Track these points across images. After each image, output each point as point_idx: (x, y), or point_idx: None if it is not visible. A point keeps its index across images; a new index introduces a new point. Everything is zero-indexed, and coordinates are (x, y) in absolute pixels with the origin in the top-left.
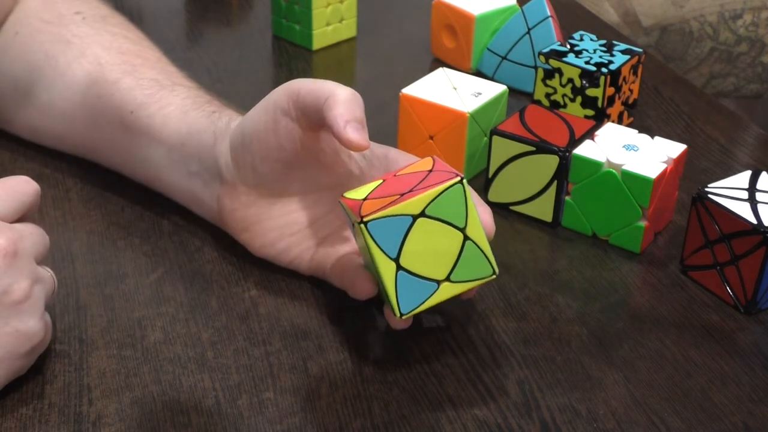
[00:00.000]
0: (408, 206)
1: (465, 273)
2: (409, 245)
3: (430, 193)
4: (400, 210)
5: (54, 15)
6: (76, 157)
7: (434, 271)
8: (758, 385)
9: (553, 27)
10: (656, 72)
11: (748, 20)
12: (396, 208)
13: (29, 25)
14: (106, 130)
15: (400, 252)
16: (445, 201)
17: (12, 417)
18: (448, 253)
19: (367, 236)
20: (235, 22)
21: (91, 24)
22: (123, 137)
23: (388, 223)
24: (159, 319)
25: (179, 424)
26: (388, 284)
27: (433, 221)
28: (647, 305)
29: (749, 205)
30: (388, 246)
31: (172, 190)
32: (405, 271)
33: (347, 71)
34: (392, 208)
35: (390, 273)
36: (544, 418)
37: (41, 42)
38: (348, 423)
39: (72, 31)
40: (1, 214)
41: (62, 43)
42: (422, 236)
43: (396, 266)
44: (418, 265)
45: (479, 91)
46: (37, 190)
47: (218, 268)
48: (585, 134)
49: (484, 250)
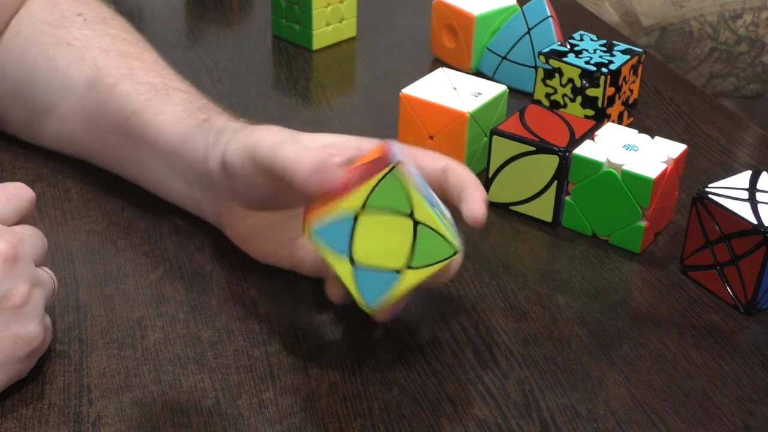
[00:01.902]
0: (347, 203)
1: (425, 257)
2: (358, 241)
3: (367, 185)
4: (340, 208)
5: (56, 17)
6: (76, 157)
7: (391, 260)
8: (758, 385)
9: (553, 27)
10: (656, 72)
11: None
12: (335, 207)
13: (31, 27)
14: (104, 134)
15: (351, 249)
16: (384, 190)
17: (12, 417)
18: (401, 240)
19: (316, 243)
20: (235, 22)
21: (91, 26)
22: (121, 142)
23: (332, 225)
24: (159, 319)
25: (179, 424)
26: (347, 283)
27: (377, 212)
28: (647, 305)
29: (749, 205)
30: (338, 246)
31: (171, 197)
32: (360, 267)
33: (347, 71)
34: (331, 209)
35: (346, 272)
36: (544, 418)
37: (42, 44)
38: (348, 423)
39: (72, 33)
40: (2, 217)
41: (62, 45)
42: (370, 229)
43: (350, 263)
44: (373, 257)
45: (479, 91)
46: (33, 196)
47: (218, 268)
48: (585, 134)
49: (439, 231)
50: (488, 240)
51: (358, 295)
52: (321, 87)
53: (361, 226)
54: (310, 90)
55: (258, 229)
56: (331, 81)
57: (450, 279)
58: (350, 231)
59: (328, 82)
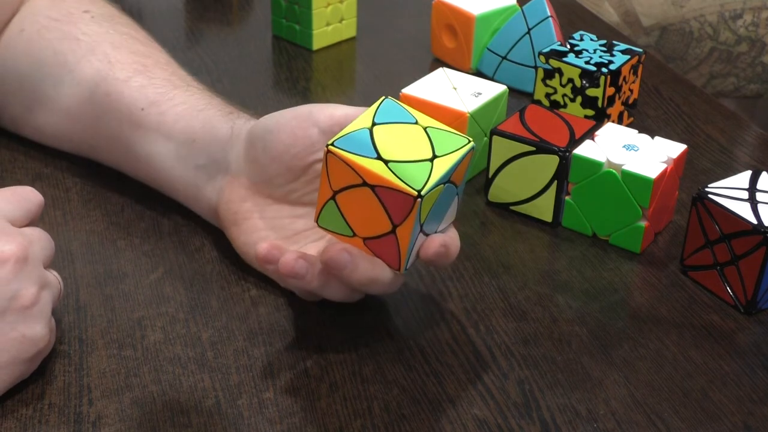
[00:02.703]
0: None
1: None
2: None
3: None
4: (352, 128)
5: (62, 13)
6: (76, 157)
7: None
8: (758, 385)
9: (553, 27)
10: (656, 72)
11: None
12: (348, 127)
13: (36, 23)
14: (111, 126)
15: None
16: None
17: (12, 417)
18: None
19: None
20: (235, 22)
21: (99, 23)
22: (129, 134)
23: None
24: (159, 319)
25: (179, 424)
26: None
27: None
28: (647, 305)
29: (749, 205)
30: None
31: (173, 186)
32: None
33: (347, 71)
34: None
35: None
36: (544, 418)
37: (49, 39)
38: (348, 423)
39: (81, 29)
40: (12, 219)
41: (71, 40)
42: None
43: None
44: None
45: (479, 91)
46: (42, 200)
47: (218, 268)
48: (585, 134)
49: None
50: (488, 240)
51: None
52: (321, 87)
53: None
54: (310, 90)
55: (252, 215)
56: (331, 81)
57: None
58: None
59: (328, 82)
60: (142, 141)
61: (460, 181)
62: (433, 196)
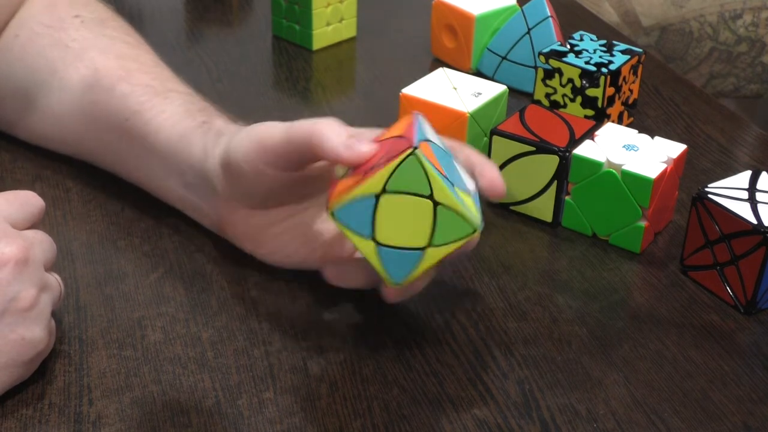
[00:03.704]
0: (368, 187)
1: (446, 236)
2: (380, 222)
3: (386, 169)
4: (361, 192)
5: (54, 18)
6: (75, 158)
7: (414, 239)
8: (758, 385)
9: (553, 27)
10: (656, 72)
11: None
12: (357, 190)
13: (29, 29)
14: (103, 136)
15: (374, 230)
16: (404, 173)
17: (12, 417)
18: (422, 221)
19: (338, 224)
20: (235, 22)
21: (90, 27)
22: (119, 143)
23: (353, 207)
24: (159, 319)
25: (179, 424)
26: (373, 261)
27: (398, 195)
28: (647, 305)
29: (749, 205)
30: (361, 227)
31: (170, 198)
32: (384, 246)
33: (347, 71)
34: (353, 192)
35: (371, 251)
36: (544, 418)
37: (40, 46)
38: (348, 423)
39: (71, 35)
40: (13, 221)
41: (60, 47)
42: (391, 211)
43: (374, 243)
44: (396, 238)
45: (479, 91)
46: (43, 205)
47: (218, 268)
48: (585, 134)
49: (458, 211)
50: (488, 240)
51: (383, 272)
52: (321, 87)
53: (382, 208)
54: (310, 90)
55: (262, 227)
56: (331, 81)
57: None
58: (372, 212)
59: (328, 82)
60: (132, 152)
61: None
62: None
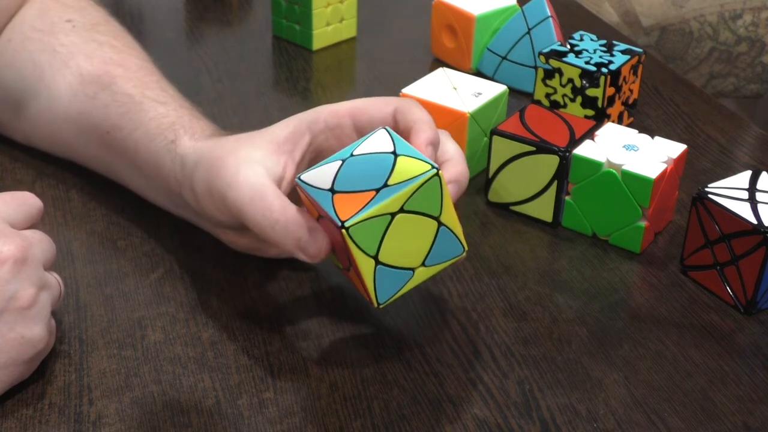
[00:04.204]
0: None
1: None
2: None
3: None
4: (380, 210)
5: (46, 23)
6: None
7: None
8: (758, 385)
9: (553, 27)
10: (656, 72)
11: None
12: (377, 209)
13: (21, 33)
14: (91, 145)
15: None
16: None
17: (12, 417)
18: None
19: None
20: (235, 22)
21: (80, 32)
22: (108, 155)
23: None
24: (159, 319)
25: (179, 424)
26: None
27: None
28: (647, 305)
29: (749, 205)
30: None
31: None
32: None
33: (347, 71)
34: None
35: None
36: (544, 418)
37: (31, 51)
38: (348, 423)
39: (60, 40)
40: (13, 222)
41: (49, 52)
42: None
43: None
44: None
45: (479, 91)
46: (41, 206)
47: (218, 268)
48: (585, 134)
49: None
50: (488, 240)
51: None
52: (321, 87)
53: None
54: (310, 90)
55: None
56: (331, 81)
57: None
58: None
59: (328, 82)
60: (116, 164)
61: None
62: None
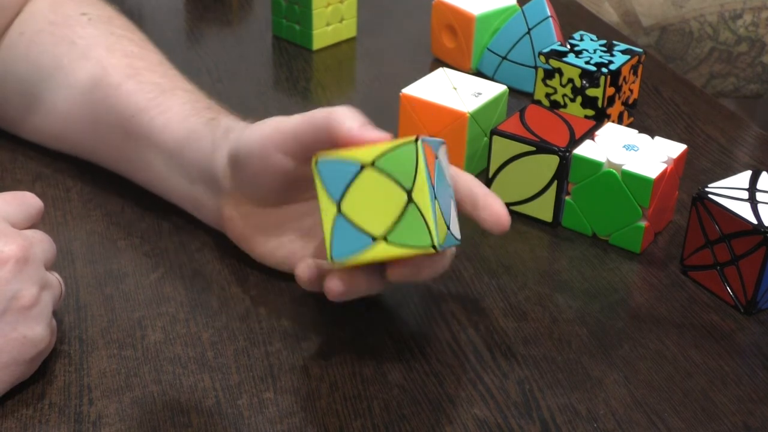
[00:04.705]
0: (359, 153)
1: (403, 236)
2: (352, 192)
3: (384, 145)
4: (351, 155)
5: (60, 16)
6: (76, 157)
7: (372, 225)
8: (758, 385)
9: (553, 27)
10: (656, 72)
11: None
12: (348, 153)
13: (35, 26)
14: (107, 133)
15: (343, 196)
16: (397, 157)
17: (12, 417)
18: (389, 210)
19: (316, 175)
20: (235, 22)
21: (96, 25)
22: (124, 141)
23: (338, 165)
24: (159, 319)
25: (179, 424)
26: (326, 226)
27: (381, 174)
28: (647, 305)
29: (749, 205)
30: (333, 188)
31: (173, 196)
32: (344, 218)
33: (347, 71)
34: (344, 153)
35: (330, 216)
36: (544, 418)
37: (46, 43)
38: (348, 423)
39: (77, 32)
40: (14, 221)
41: (67, 44)
42: (367, 186)
43: (336, 210)
44: (358, 214)
45: (479, 91)
46: (42, 206)
47: (218, 268)
48: (585, 134)
49: (427, 220)
50: (488, 240)
51: (329, 241)
52: (321, 87)
53: (361, 180)
54: (310, 90)
55: (260, 227)
56: (331, 81)
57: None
58: (351, 179)
59: (328, 82)
60: (136, 149)
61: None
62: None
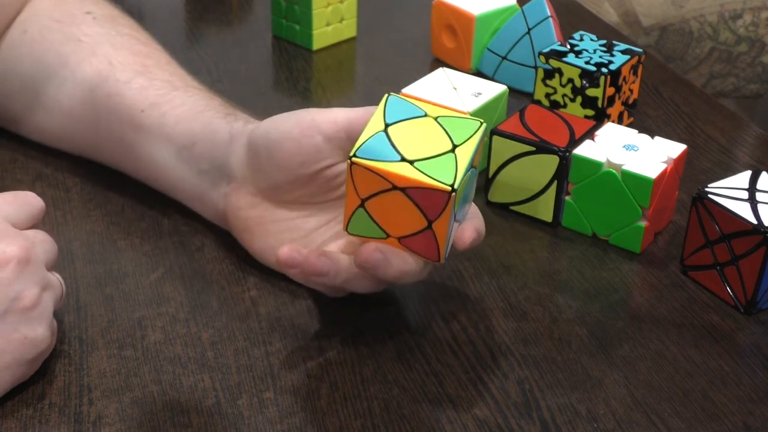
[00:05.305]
0: (429, 107)
1: (429, 168)
2: (405, 125)
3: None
4: (367, 134)
5: (64, 14)
6: (77, 156)
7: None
8: (758, 385)
9: (553, 27)
10: (656, 72)
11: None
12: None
13: (39, 24)
14: (112, 128)
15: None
16: (460, 123)
17: (12, 417)
18: (429, 149)
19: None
20: (235, 22)
21: (101, 24)
22: (130, 135)
23: (405, 105)
24: (159, 319)
25: (179, 424)
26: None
27: (438, 125)
28: (647, 305)
29: (749, 205)
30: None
31: (177, 189)
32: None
33: (347, 71)
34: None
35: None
36: (544, 418)
37: (51, 41)
38: (348, 423)
39: (83, 30)
40: (15, 222)
41: (73, 41)
42: (420, 127)
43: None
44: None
45: (479, 91)
46: (43, 206)
47: (218, 268)
48: (585, 134)
49: (459, 167)
50: (488, 240)
51: (360, 143)
52: (321, 87)
53: (419, 121)
54: (310, 90)
55: (264, 220)
56: (331, 81)
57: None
58: (409, 117)
59: (328, 82)
60: (144, 143)
61: (477, 163)
62: (463, 185)
